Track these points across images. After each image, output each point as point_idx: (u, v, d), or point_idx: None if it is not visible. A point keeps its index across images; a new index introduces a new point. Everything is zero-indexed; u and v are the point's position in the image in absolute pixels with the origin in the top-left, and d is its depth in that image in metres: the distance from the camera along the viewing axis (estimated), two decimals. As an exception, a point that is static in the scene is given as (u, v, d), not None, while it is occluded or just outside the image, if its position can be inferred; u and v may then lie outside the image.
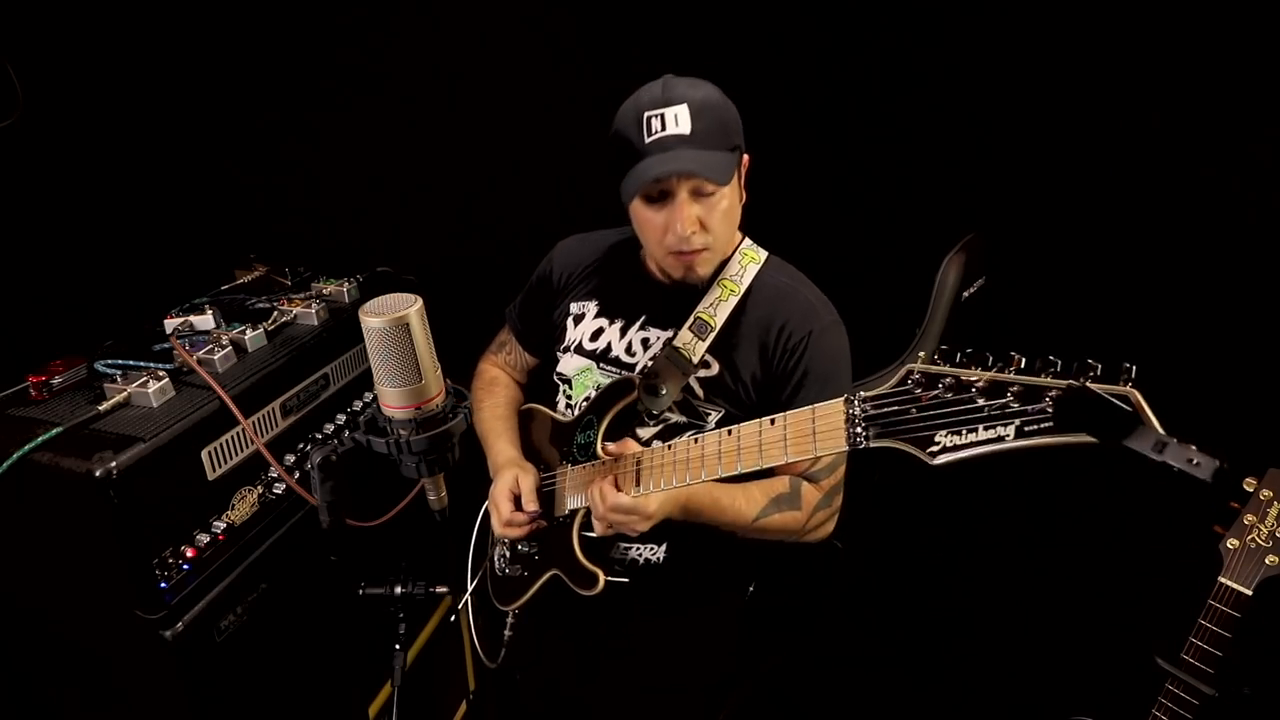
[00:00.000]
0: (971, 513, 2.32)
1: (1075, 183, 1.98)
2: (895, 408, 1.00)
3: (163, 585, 1.47)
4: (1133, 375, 0.86)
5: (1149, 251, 1.93)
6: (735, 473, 1.26)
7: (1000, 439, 0.88)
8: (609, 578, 1.47)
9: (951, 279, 2.01)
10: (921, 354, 0.99)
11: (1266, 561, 1.36)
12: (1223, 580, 1.39)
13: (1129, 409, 0.82)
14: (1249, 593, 1.36)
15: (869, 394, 1.04)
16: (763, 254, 1.55)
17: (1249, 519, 1.40)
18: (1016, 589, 2.27)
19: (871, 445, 1.04)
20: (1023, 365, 0.91)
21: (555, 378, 1.66)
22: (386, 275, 2.19)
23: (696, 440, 1.31)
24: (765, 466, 1.22)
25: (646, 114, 1.32)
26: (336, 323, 1.93)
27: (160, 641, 1.48)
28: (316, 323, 1.89)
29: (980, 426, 0.89)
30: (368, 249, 2.30)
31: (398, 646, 1.51)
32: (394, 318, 1.00)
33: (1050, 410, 0.85)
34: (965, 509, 2.33)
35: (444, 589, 1.54)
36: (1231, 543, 1.40)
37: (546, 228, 1.81)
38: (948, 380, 0.93)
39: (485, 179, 2.33)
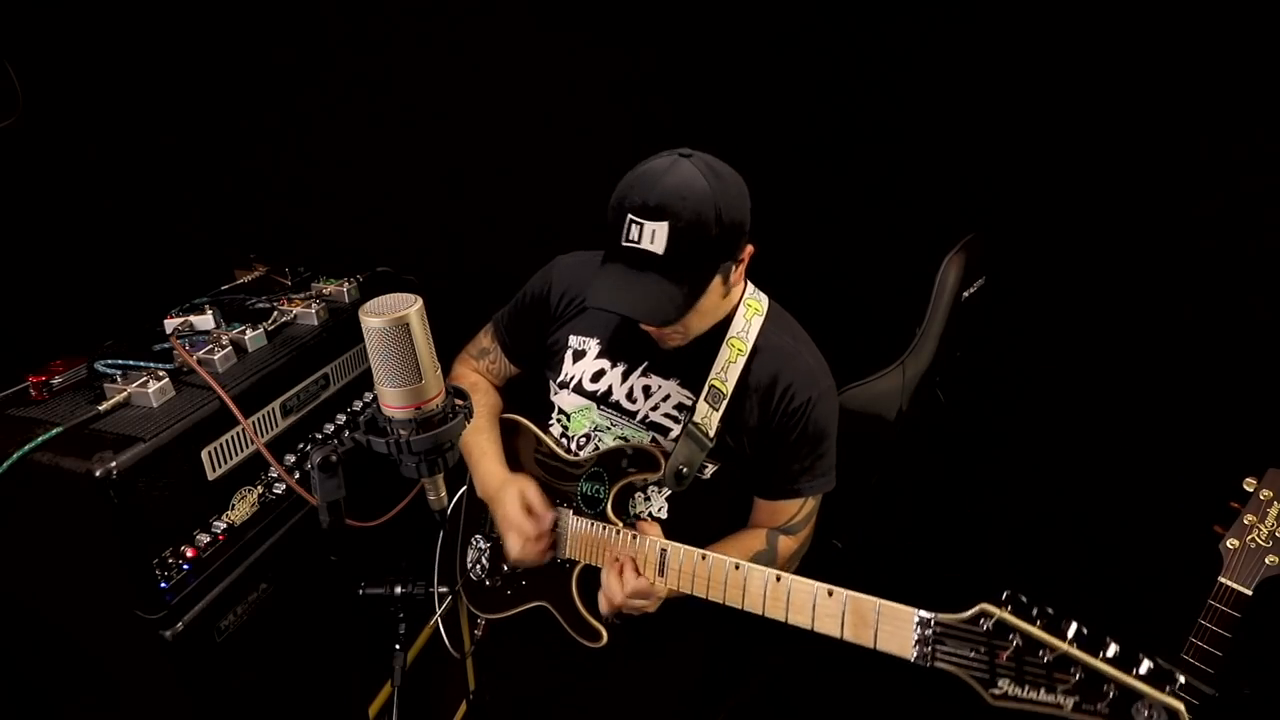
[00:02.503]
0: (971, 513, 2.32)
1: (1075, 183, 1.98)
2: (964, 641, 1.09)
3: (163, 585, 1.47)
4: (1180, 682, 0.97)
5: (1149, 251, 1.93)
6: (778, 619, 1.27)
7: (1058, 706, 1.01)
8: (611, 630, 1.47)
9: (951, 279, 2.02)
10: (1002, 610, 1.06)
11: (1266, 561, 1.36)
12: (1223, 580, 1.39)
13: None
14: (1249, 593, 1.36)
15: (943, 619, 1.11)
16: (764, 303, 1.55)
17: (1249, 519, 1.40)
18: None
19: (936, 666, 1.11)
20: (1083, 633, 1.02)
21: (552, 403, 1.65)
22: (386, 275, 2.19)
23: (738, 567, 1.31)
24: (814, 630, 1.23)
25: (629, 217, 1.31)
26: (336, 323, 1.93)
27: (160, 641, 1.48)
28: (316, 323, 1.89)
29: (1042, 689, 1.02)
30: (368, 249, 2.30)
31: (398, 646, 1.51)
32: (394, 318, 1.00)
33: (1107, 710, 0.98)
34: (965, 509, 2.33)
35: (444, 589, 1.54)
36: (1231, 543, 1.40)
37: (546, 228, 1.81)
38: (1017, 636, 1.04)
39: (485, 180, 2.33)
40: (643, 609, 1.41)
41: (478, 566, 1.69)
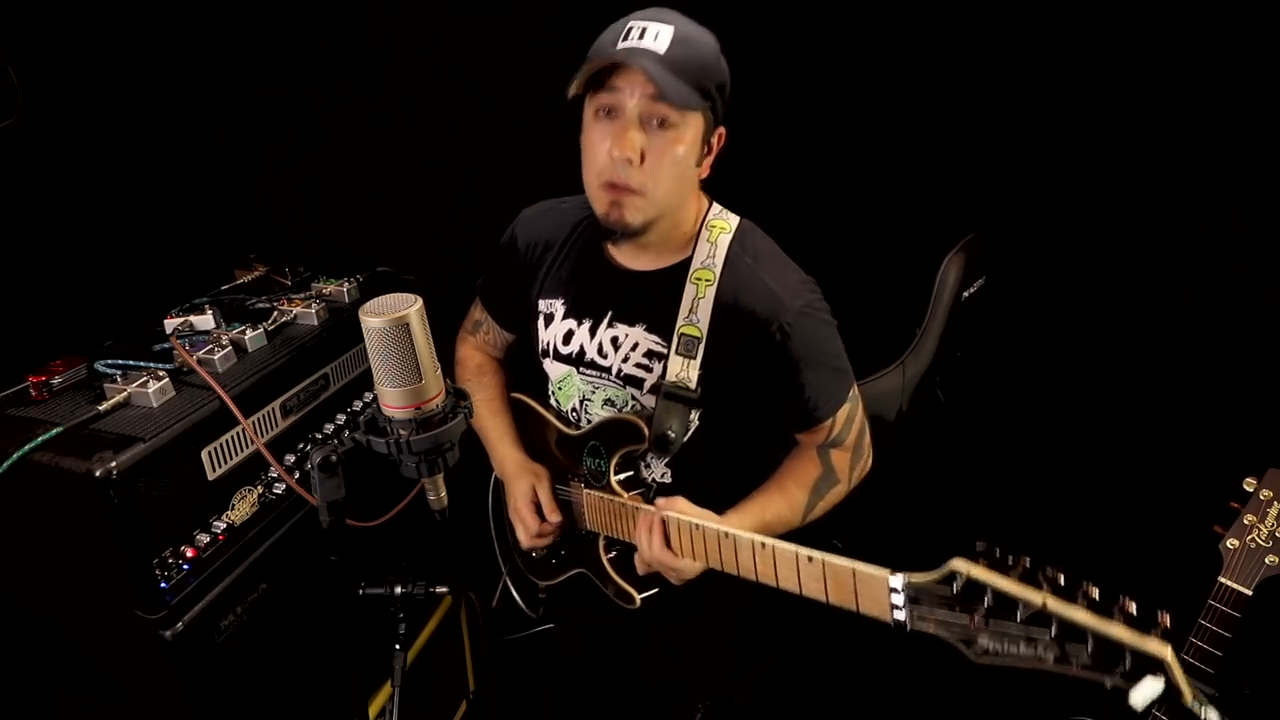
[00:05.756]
0: (972, 512, 2.33)
1: (1075, 183, 1.98)
2: (939, 601, 1.04)
3: (163, 585, 1.47)
4: (1165, 625, 0.91)
5: (1149, 251, 1.94)
6: (769, 583, 1.23)
7: (1040, 659, 0.97)
8: (644, 595, 1.48)
9: (951, 279, 2.02)
10: (973, 566, 1.00)
11: (1266, 561, 1.37)
12: (1223, 580, 1.39)
13: (1163, 679, 0.89)
14: (1249, 593, 1.36)
15: (915, 581, 1.06)
16: (733, 222, 1.42)
17: (1249, 519, 1.40)
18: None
19: (917, 628, 1.07)
20: (1061, 583, 0.96)
21: (545, 374, 1.62)
22: (386, 275, 2.19)
23: (727, 535, 1.26)
24: (804, 595, 1.19)
25: (630, 22, 1.26)
26: (336, 323, 1.92)
27: (160, 641, 1.48)
28: (316, 323, 1.89)
29: (1022, 643, 0.97)
30: (368, 249, 2.30)
31: (398, 646, 1.51)
32: (394, 318, 1.00)
33: (1089, 661, 0.93)
34: (965, 509, 2.33)
35: (444, 589, 1.54)
36: (1231, 543, 1.40)
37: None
38: (991, 594, 0.98)
39: (485, 179, 2.33)
40: (673, 576, 1.37)
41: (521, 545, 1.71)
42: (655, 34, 1.23)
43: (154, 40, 2.25)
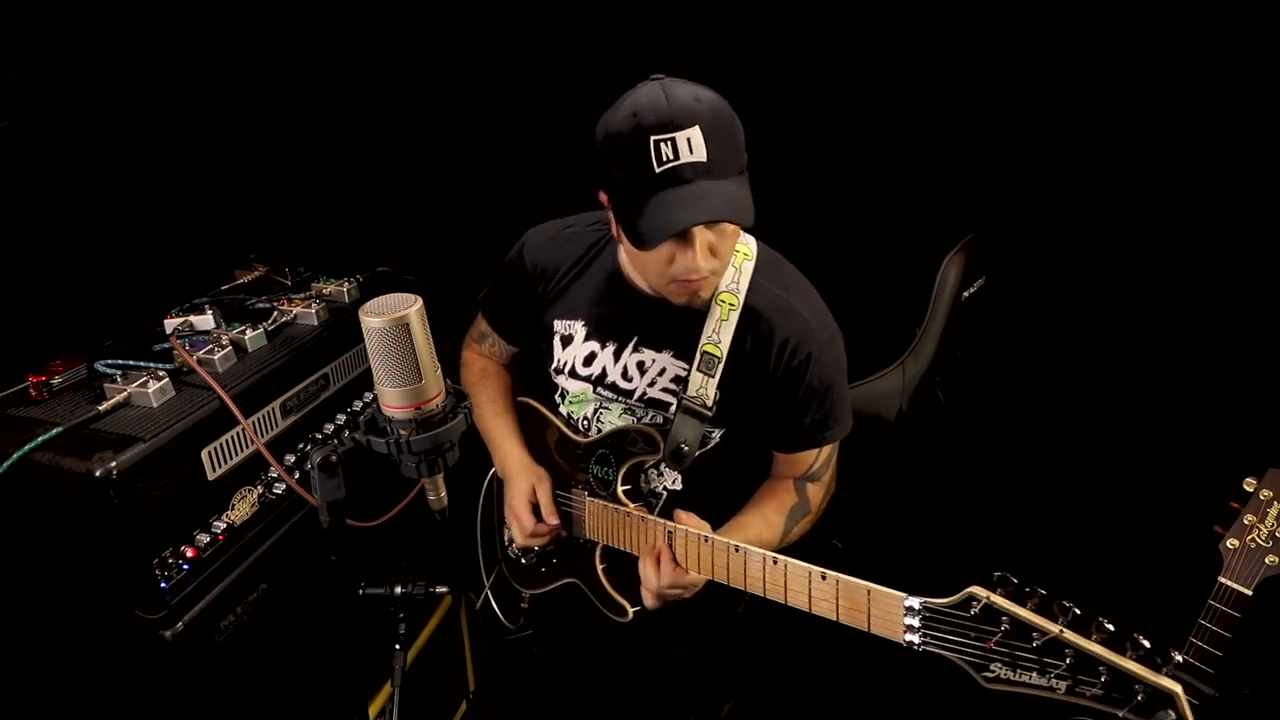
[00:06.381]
0: (971, 512, 2.33)
1: (1075, 183, 1.99)
2: (954, 625, 1.06)
3: (163, 585, 1.47)
4: (1178, 662, 0.94)
5: (1149, 251, 1.94)
6: (778, 601, 1.26)
7: (1051, 689, 0.99)
8: (636, 608, 1.49)
9: (951, 279, 2.02)
10: (991, 594, 1.02)
11: (1266, 561, 1.37)
12: (1223, 580, 1.39)
13: (1174, 717, 0.93)
14: (1249, 593, 1.36)
15: (931, 604, 1.08)
16: (752, 245, 1.46)
17: (1249, 519, 1.40)
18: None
19: (928, 650, 1.09)
20: (1075, 614, 0.98)
21: (555, 383, 1.63)
22: (386, 275, 2.19)
23: (737, 550, 1.29)
24: (813, 613, 1.22)
25: (654, 139, 1.16)
26: (336, 323, 1.92)
27: (160, 641, 1.48)
28: (316, 323, 1.89)
29: (1035, 673, 1.00)
30: (368, 249, 2.30)
31: (398, 646, 1.51)
32: (394, 318, 1.00)
33: (1100, 691, 0.96)
34: (965, 509, 2.33)
35: (444, 589, 1.54)
36: (1231, 543, 1.40)
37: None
38: (1007, 620, 1.01)
39: (485, 179, 2.33)
40: (680, 596, 1.39)
41: (513, 545, 1.71)
42: (688, 143, 1.17)
43: (154, 40, 2.25)
